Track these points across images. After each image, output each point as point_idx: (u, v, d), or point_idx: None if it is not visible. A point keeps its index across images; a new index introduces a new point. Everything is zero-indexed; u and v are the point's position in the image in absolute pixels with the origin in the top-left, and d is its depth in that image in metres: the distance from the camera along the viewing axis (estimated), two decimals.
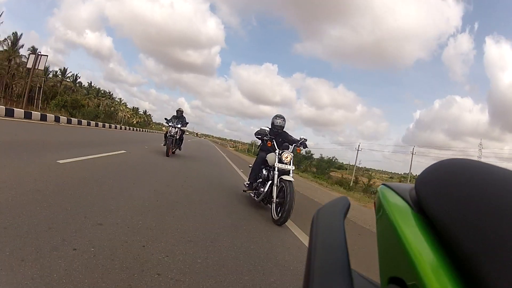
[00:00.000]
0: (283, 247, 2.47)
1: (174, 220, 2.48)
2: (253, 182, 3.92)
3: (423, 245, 0.23)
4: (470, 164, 0.25)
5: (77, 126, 15.75)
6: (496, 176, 0.23)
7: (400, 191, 0.30)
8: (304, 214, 3.81)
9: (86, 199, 2.49)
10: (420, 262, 0.22)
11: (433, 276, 0.20)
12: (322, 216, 0.35)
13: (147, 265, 1.58)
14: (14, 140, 5.52)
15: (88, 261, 1.47)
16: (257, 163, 3.91)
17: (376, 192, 0.34)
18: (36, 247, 1.48)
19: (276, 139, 3.72)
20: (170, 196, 3.38)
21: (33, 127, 9.24)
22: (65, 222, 1.89)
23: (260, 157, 3.92)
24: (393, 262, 0.26)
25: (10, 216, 1.78)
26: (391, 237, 0.26)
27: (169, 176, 4.84)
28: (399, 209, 0.28)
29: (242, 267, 1.84)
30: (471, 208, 0.21)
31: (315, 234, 0.32)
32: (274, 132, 3.91)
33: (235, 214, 3.19)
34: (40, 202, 2.15)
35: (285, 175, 3.30)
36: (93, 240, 1.71)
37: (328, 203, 0.38)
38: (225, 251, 2.04)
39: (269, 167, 3.63)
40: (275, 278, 1.82)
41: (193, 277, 1.56)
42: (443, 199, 0.23)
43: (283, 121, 4.00)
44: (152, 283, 1.42)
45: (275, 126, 3.96)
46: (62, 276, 1.30)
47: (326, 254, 0.28)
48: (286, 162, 3.35)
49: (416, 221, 0.25)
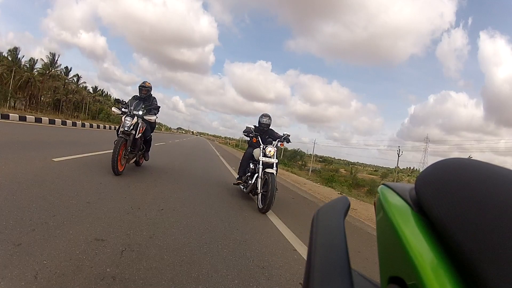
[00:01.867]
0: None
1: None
2: (242, 176, 4.27)
3: (423, 245, 0.23)
4: (470, 164, 0.25)
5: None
6: (497, 176, 0.23)
7: (400, 191, 0.30)
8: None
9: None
10: (420, 262, 0.22)
11: (433, 276, 0.20)
12: (322, 216, 0.35)
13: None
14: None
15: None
16: (245, 158, 4.24)
17: (376, 192, 0.34)
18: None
19: (262, 136, 4.13)
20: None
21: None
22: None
23: (247, 152, 4.26)
24: (393, 262, 0.26)
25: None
26: (391, 237, 0.26)
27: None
28: (399, 209, 0.28)
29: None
30: (471, 208, 0.21)
31: (315, 234, 0.32)
32: (261, 130, 4.25)
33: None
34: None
35: (269, 168, 3.60)
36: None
37: (328, 203, 0.38)
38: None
39: (256, 161, 3.92)
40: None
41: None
42: (443, 199, 0.23)
43: (268, 119, 4.33)
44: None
45: (261, 124, 4.32)
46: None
47: (326, 254, 0.28)
48: (270, 155, 3.68)
49: (416, 221, 0.25)
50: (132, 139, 4.00)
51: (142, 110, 4.18)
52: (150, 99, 4.57)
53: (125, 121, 3.93)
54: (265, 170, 3.58)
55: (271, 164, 3.65)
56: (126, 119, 3.94)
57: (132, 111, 4.08)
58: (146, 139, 4.61)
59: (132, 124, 3.94)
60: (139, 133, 4.11)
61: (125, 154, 3.96)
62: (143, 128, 4.21)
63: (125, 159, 4.01)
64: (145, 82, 4.58)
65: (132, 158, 4.37)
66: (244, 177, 4.20)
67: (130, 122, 3.92)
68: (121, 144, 3.74)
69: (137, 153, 4.46)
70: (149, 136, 4.66)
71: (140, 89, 4.55)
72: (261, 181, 3.61)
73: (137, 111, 4.12)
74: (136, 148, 4.27)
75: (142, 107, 4.21)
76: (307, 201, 5.48)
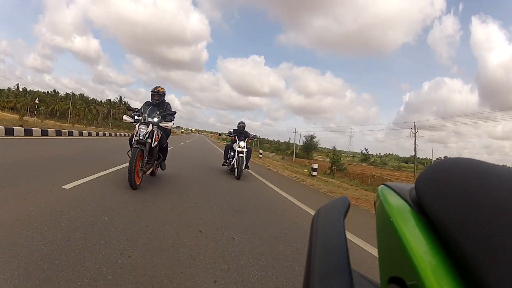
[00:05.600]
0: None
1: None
2: (226, 159, 7.00)
3: (423, 245, 0.23)
4: (470, 163, 0.25)
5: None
6: (497, 175, 0.23)
7: (400, 191, 0.30)
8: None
9: None
10: (420, 262, 0.22)
11: (433, 276, 0.20)
12: (322, 216, 0.35)
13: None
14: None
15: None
16: (227, 148, 7.09)
17: (376, 192, 0.34)
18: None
19: (239, 135, 6.61)
20: None
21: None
22: None
23: (228, 145, 7.15)
24: (393, 262, 0.26)
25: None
26: (391, 237, 0.26)
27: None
28: (399, 209, 0.28)
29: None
30: (471, 208, 0.21)
31: (315, 233, 0.32)
32: (238, 131, 6.78)
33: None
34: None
35: (240, 154, 6.15)
36: None
37: (328, 203, 0.38)
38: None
39: (233, 150, 6.49)
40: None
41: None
42: (443, 199, 0.23)
43: (243, 125, 6.98)
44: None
45: (239, 127, 6.90)
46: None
47: (326, 254, 0.28)
48: (241, 146, 6.24)
49: (416, 221, 0.25)
50: (148, 149, 3.71)
51: (157, 116, 3.91)
52: (164, 105, 4.28)
53: (139, 129, 3.62)
54: (238, 155, 6.13)
55: (242, 152, 6.18)
56: (140, 127, 3.64)
57: (147, 119, 3.82)
58: (162, 147, 4.30)
59: (148, 132, 3.65)
60: (155, 142, 3.83)
61: (142, 165, 3.66)
62: (159, 136, 3.93)
63: (142, 171, 3.70)
64: (157, 87, 4.24)
65: (149, 169, 4.10)
66: (228, 160, 6.86)
67: (145, 130, 3.63)
68: (137, 155, 3.43)
69: (154, 163, 4.20)
70: (165, 144, 4.40)
71: (152, 95, 4.21)
72: (236, 161, 6.14)
73: (152, 118, 3.85)
74: (153, 157, 3.99)
75: (157, 114, 3.95)
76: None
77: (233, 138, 6.74)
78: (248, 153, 6.46)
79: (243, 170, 6.09)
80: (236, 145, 6.30)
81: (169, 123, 4.11)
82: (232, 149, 6.65)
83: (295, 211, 3.84)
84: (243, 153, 6.18)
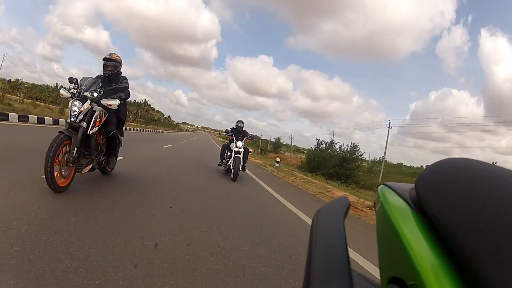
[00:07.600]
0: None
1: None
2: (223, 159, 6.49)
3: (423, 245, 0.23)
4: (470, 164, 0.25)
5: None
6: (497, 176, 0.23)
7: (400, 191, 0.30)
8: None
9: None
10: (420, 262, 0.22)
11: (433, 276, 0.20)
12: (322, 216, 0.35)
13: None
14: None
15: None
16: (224, 148, 6.55)
17: (376, 192, 0.34)
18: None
19: (237, 135, 6.17)
20: None
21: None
22: None
23: (225, 145, 6.61)
24: (393, 262, 0.26)
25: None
26: (391, 237, 0.26)
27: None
28: (399, 209, 0.28)
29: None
30: (471, 208, 0.21)
31: (315, 234, 0.32)
32: (237, 130, 6.34)
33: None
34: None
35: (237, 154, 5.73)
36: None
37: (328, 203, 0.38)
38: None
39: (230, 150, 6.08)
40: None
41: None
42: (443, 199, 0.23)
43: (242, 124, 6.46)
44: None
45: (237, 127, 6.40)
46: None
47: (326, 254, 0.28)
48: (239, 146, 5.83)
49: (416, 221, 0.25)
50: (82, 136, 2.54)
51: (98, 91, 2.72)
52: (119, 79, 3.19)
53: (71, 107, 2.53)
54: (235, 156, 5.72)
55: (239, 152, 5.80)
56: (73, 104, 2.55)
57: (83, 92, 2.66)
58: (109, 137, 3.13)
59: (82, 112, 2.54)
60: (95, 127, 2.67)
61: (70, 159, 2.45)
62: (101, 120, 2.77)
63: (69, 167, 2.51)
64: (111, 54, 3.19)
65: (86, 166, 2.80)
66: (225, 161, 6.38)
67: (78, 108, 2.52)
68: (59, 144, 2.30)
69: (97, 159, 2.97)
70: (114, 132, 3.14)
71: (104, 65, 3.13)
72: (232, 162, 5.74)
73: (91, 92, 2.69)
74: (92, 150, 2.75)
75: (99, 87, 2.80)
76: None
77: (230, 137, 6.36)
78: (245, 154, 6.09)
79: (239, 172, 5.72)
80: (233, 145, 5.95)
81: (113, 101, 2.84)
82: (229, 149, 6.27)
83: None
84: (240, 154, 5.81)
